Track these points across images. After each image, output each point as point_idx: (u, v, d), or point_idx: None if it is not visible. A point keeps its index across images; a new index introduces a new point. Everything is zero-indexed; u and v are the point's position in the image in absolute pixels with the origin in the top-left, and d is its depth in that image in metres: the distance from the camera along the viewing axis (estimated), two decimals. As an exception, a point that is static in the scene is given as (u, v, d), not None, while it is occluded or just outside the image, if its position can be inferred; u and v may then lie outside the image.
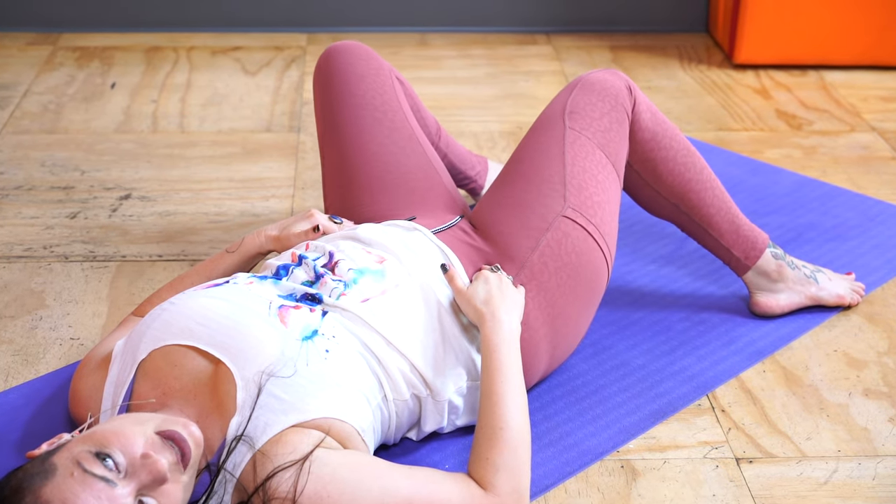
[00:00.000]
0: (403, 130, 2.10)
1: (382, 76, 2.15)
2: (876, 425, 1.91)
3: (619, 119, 2.03)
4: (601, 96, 2.03)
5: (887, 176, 2.81)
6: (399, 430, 1.76)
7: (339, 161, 2.09)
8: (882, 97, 3.29)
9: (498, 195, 1.98)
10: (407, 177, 2.05)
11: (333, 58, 2.15)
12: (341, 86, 2.12)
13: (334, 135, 2.11)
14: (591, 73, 2.08)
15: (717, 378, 2.02)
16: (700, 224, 2.12)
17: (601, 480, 1.78)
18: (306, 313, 1.67)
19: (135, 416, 1.50)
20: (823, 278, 2.19)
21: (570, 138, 1.98)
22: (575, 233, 1.89)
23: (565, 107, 2.02)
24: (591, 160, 1.97)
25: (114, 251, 2.41)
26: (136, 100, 3.20)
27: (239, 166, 2.81)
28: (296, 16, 3.74)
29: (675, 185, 2.09)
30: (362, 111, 2.10)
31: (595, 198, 1.94)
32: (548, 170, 1.95)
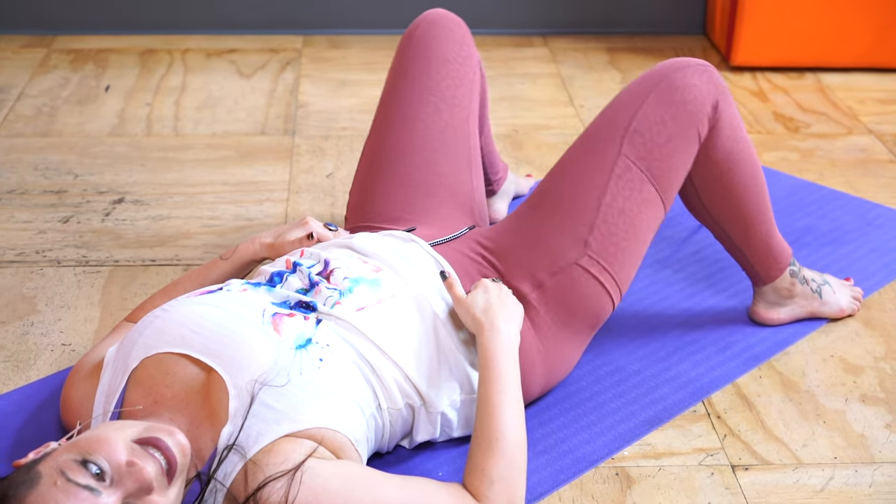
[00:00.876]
0: (459, 130, 2.05)
1: (467, 67, 2.10)
2: (873, 432, 1.90)
3: (689, 143, 1.89)
4: (677, 112, 1.87)
5: (885, 179, 2.79)
6: (392, 438, 1.74)
7: (382, 139, 2.05)
8: (880, 99, 3.28)
9: (522, 219, 1.90)
10: (436, 179, 2.00)
11: (429, 29, 2.09)
12: (420, 63, 2.06)
13: (391, 109, 2.06)
14: (681, 73, 1.89)
15: (713, 384, 2.00)
16: (735, 241, 2.05)
17: (596, 488, 1.77)
18: (300, 321, 1.65)
19: (119, 423, 1.48)
20: (828, 292, 2.17)
21: (619, 169, 1.85)
22: (585, 282, 1.85)
23: (631, 122, 1.87)
24: (635, 199, 1.86)
25: (106, 256, 2.40)
26: (130, 103, 3.19)
27: (233, 170, 2.80)
28: (291, 18, 3.72)
29: (729, 209, 2.00)
30: (429, 96, 2.05)
31: (622, 244, 1.85)
32: (580, 205, 1.85)
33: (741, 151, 1.96)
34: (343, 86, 3.33)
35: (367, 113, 3.13)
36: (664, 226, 2.49)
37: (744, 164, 1.97)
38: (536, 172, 2.79)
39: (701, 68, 1.91)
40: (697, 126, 1.89)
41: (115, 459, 1.40)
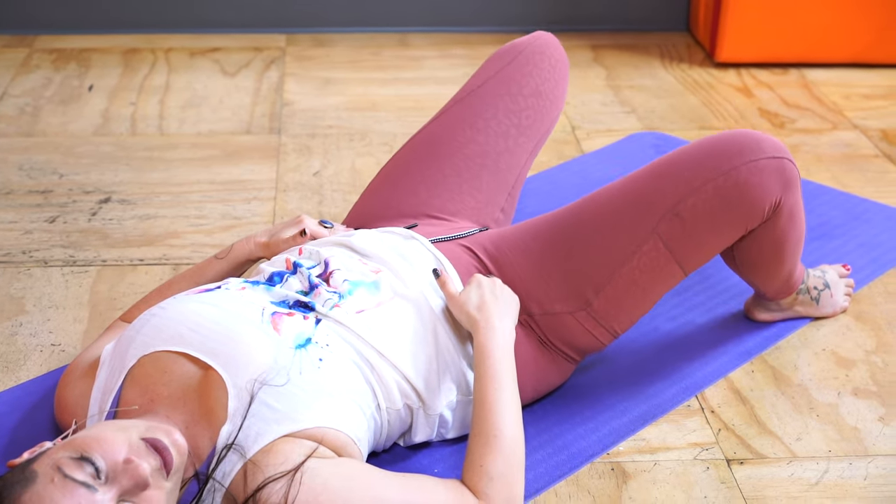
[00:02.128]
0: (515, 158, 2.03)
1: (554, 106, 2.08)
2: (866, 424, 1.91)
3: (733, 236, 1.79)
4: (732, 208, 1.74)
5: (871, 174, 2.80)
6: (390, 438, 1.73)
7: (437, 133, 2.04)
8: (864, 95, 3.29)
9: (533, 242, 1.84)
10: (468, 193, 1.99)
11: (536, 56, 2.07)
12: (514, 83, 2.05)
13: (462, 110, 2.05)
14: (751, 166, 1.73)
15: (706, 379, 2.01)
16: (757, 285, 2.01)
17: (592, 483, 1.77)
18: (300, 321, 1.64)
19: (118, 423, 1.47)
20: (825, 297, 2.15)
21: (647, 247, 1.76)
22: (577, 330, 1.83)
23: (677, 204, 1.74)
24: (653, 275, 1.79)
25: (94, 255, 2.38)
26: (114, 102, 3.17)
27: (219, 169, 2.78)
28: (275, 16, 3.71)
29: (761, 274, 1.95)
30: (505, 118, 2.04)
31: (627, 307, 1.81)
32: (597, 265, 1.79)
33: (790, 234, 1.87)
34: (328, 84, 3.32)
35: (353, 111, 3.12)
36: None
37: (789, 242, 1.88)
38: (524, 169, 2.78)
39: (775, 163, 1.75)
40: (748, 224, 1.79)
41: (111, 457, 1.39)
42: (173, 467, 1.44)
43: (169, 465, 1.43)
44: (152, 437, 1.44)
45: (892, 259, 2.39)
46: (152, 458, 1.42)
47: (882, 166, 2.85)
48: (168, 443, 1.44)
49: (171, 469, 1.43)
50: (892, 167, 2.84)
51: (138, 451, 1.41)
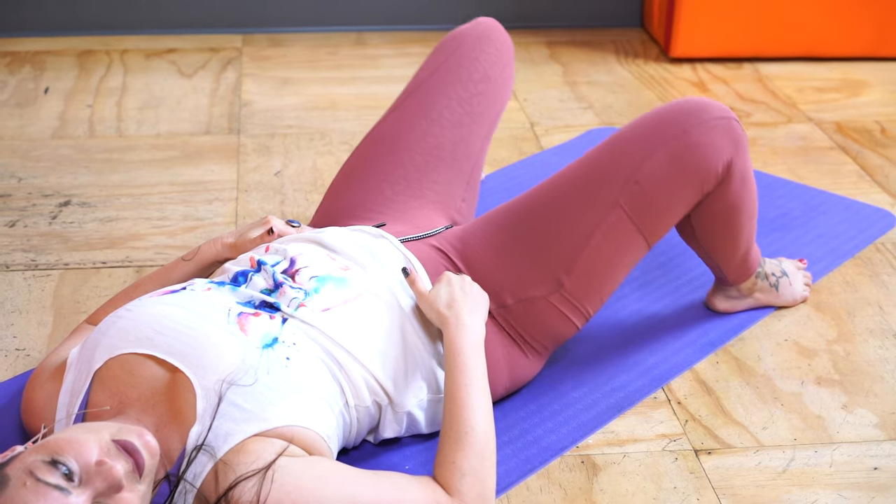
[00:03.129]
0: (471, 146, 2.03)
1: (504, 90, 2.08)
2: (829, 413, 1.93)
3: (690, 200, 1.84)
4: (686, 171, 1.80)
5: (826, 166, 2.84)
6: (359, 435, 1.74)
7: (393, 129, 2.03)
8: (817, 88, 3.33)
9: (499, 235, 1.86)
10: (428, 186, 1.99)
11: (480, 41, 2.07)
12: (463, 71, 2.04)
13: (414, 103, 2.04)
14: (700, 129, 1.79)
15: (672, 371, 2.02)
16: (715, 260, 2.04)
17: (563, 476, 1.78)
18: (266, 320, 1.64)
19: (89, 425, 1.47)
20: (784, 284, 2.19)
21: (612, 218, 1.80)
22: (554, 316, 1.85)
23: (634, 173, 1.79)
24: (620, 246, 1.82)
25: (56, 259, 2.37)
26: (70, 105, 3.15)
27: (180, 170, 2.77)
28: (230, 16, 3.70)
29: (718, 242, 1.98)
30: (457, 106, 2.03)
31: (597, 284, 1.84)
32: (564, 243, 1.81)
33: (745, 201, 1.92)
34: (286, 84, 3.31)
35: (312, 111, 3.12)
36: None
37: (744, 211, 1.94)
38: (485, 166, 2.79)
39: (723, 123, 1.82)
40: (703, 186, 1.84)
41: (84, 459, 1.39)
42: (145, 469, 1.43)
43: (141, 467, 1.43)
44: (123, 438, 1.43)
45: (850, 250, 2.42)
46: (124, 460, 1.42)
47: (837, 158, 2.88)
48: (139, 444, 1.44)
49: (144, 471, 1.43)
50: (847, 159, 2.88)
51: (110, 453, 1.41)
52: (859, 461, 1.82)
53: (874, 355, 2.08)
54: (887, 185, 2.73)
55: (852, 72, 3.46)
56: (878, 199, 2.66)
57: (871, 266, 2.37)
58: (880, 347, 2.11)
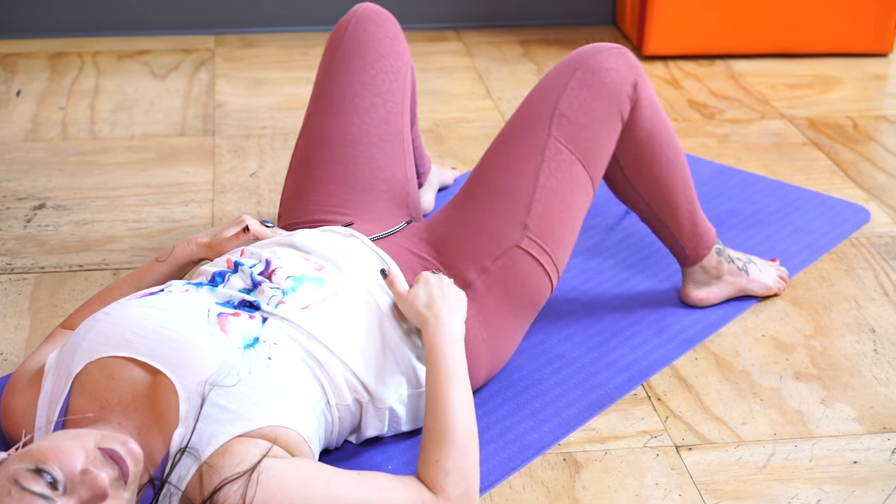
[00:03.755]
0: (393, 125, 2.05)
1: (400, 63, 2.09)
2: (808, 407, 1.94)
3: (613, 123, 1.95)
4: (599, 94, 1.92)
5: (800, 162, 2.86)
6: (341, 435, 1.74)
7: (317, 132, 2.04)
8: (789, 84, 3.35)
9: (458, 209, 1.92)
10: (371, 174, 2.00)
11: (361, 24, 2.07)
12: (355, 57, 2.05)
13: (326, 102, 2.04)
14: (596, 57, 1.94)
15: (651, 367, 2.03)
16: (662, 220, 2.09)
17: (545, 474, 1.78)
18: (246, 320, 1.64)
19: (73, 432, 1.46)
20: (754, 270, 2.21)
21: (550, 151, 1.89)
22: (526, 264, 1.87)
23: (556, 106, 1.91)
24: (567, 180, 1.90)
25: (32, 262, 2.35)
26: (43, 107, 3.13)
27: (155, 172, 2.76)
28: (202, 17, 3.68)
29: (654, 186, 2.05)
30: (364, 91, 2.04)
31: (557, 224, 1.89)
32: (515, 189, 1.88)
33: (662, 129, 2.01)
34: (259, 84, 3.30)
35: (286, 111, 3.11)
36: (591, 214, 2.51)
37: (665, 141, 2.02)
38: (460, 165, 2.80)
39: (616, 51, 1.96)
40: (619, 106, 1.93)
41: (68, 468, 1.38)
42: (130, 477, 1.43)
43: (126, 475, 1.42)
44: (108, 446, 1.43)
45: (826, 245, 2.44)
46: (109, 467, 1.41)
47: (810, 154, 2.90)
48: (123, 452, 1.43)
49: (129, 478, 1.43)
50: (820, 154, 2.89)
51: (95, 461, 1.40)
52: (839, 455, 1.83)
53: (851, 350, 2.10)
54: (861, 180, 2.75)
55: (823, 68, 3.48)
56: (852, 195, 2.67)
57: (847, 261, 2.39)
58: (857, 342, 2.12)
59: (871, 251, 2.43)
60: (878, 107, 3.21)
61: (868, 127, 3.06)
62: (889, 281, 2.32)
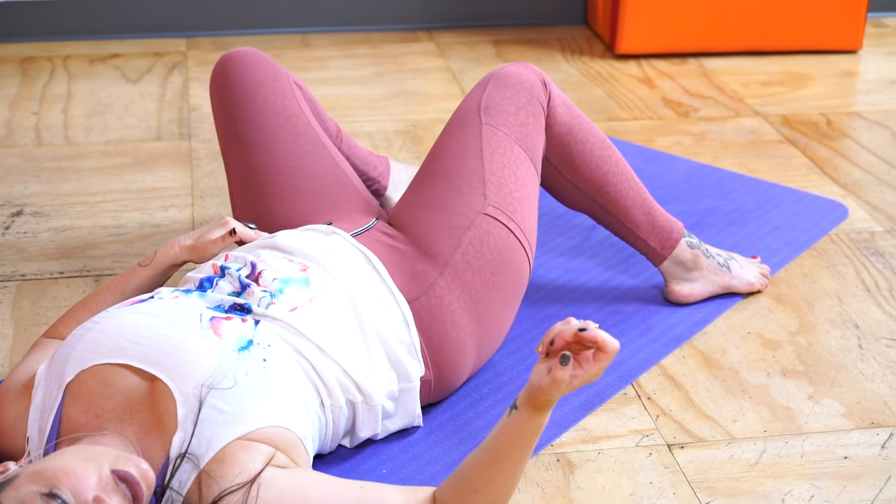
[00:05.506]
0: (308, 135, 2.07)
1: (280, 81, 2.11)
2: (797, 404, 1.96)
3: (536, 113, 2.03)
4: (516, 90, 2.02)
5: (776, 159, 2.88)
6: (335, 438, 1.74)
7: (245, 171, 2.05)
8: (762, 82, 3.37)
9: (417, 194, 1.96)
10: (318, 181, 2.02)
11: (228, 67, 2.10)
12: (239, 94, 2.07)
13: (238, 144, 2.06)
14: (504, 68, 2.07)
15: (640, 366, 2.04)
16: (617, 217, 2.13)
17: (539, 475, 1.78)
18: (238, 324, 1.63)
19: (87, 452, 1.44)
20: (736, 266, 2.23)
21: (486, 134, 1.97)
22: (496, 230, 1.89)
23: (480, 102, 2.01)
24: (509, 156, 1.97)
25: (12, 270, 2.33)
26: (15, 113, 3.10)
27: (132, 177, 2.74)
28: (173, 20, 3.66)
29: (592, 177, 2.10)
30: (264, 117, 2.06)
31: (515, 194, 1.94)
32: (466, 167, 1.94)
33: (582, 123, 2.10)
34: (234, 87, 3.28)
35: (263, 114, 3.09)
36: (571, 215, 2.52)
37: (588, 132, 2.10)
38: (440, 166, 2.80)
39: (523, 63, 2.09)
40: (537, 96, 2.03)
41: (81, 494, 1.38)
42: (143, 501, 1.42)
43: (139, 499, 1.42)
44: (123, 468, 1.42)
45: (806, 241, 2.45)
46: (122, 495, 1.40)
47: (786, 151, 2.92)
48: (138, 476, 1.42)
49: (141, 502, 1.42)
50: (796, 152, 2.91)
51: (107, 487, 1.39)
52: (829, 451, 1.84)
53: (836, 345, 2.12)
54: (837, 176, 2.78)
55: (794, 66, 3.50)
56: (829, 191, 2.70)
57: (827, 257, 2.41)
58: (841, 338, 2.14)
59: (851, 247, 2.45)
60: (851, 103, 3.24)
61: (841, 123, 3.09)
62: (870, 276, 2.34)
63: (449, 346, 1.83)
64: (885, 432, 1.89)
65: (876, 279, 2.33)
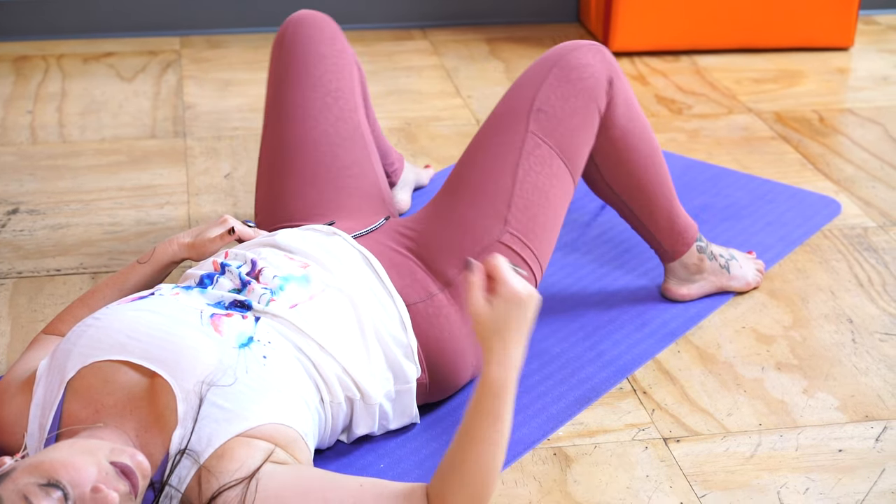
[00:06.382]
0: (350, 121, 2.05)
1: (344, 60, 2.09)
2: (791, 397, 1.97)
3: (590, 118, 1.96)
4: (576, 89, 1.94)
5: (769, 156, 2.89)
6: (333, 434, 1.74)
7: (277, 141, 2.04)
8: (754, 79, 3.38)
9: (439, 205, 1.92)
10: (340, 172, 2.01)
11: (299, 30, 2.07)
12: (299, 61, 2.05)
13: (279, 111, 2.05)
14: (574, 53, 1.95)
15: (635, 361, 2.05)
16: (640, 218, 2.11)
17: (536, 469, 1.79)
18: (239, 320, 1.64)
19: (85, 445, 1.45)
20: (735, 266, 2.23)
21: (528, 146, 1.90)
22: (509, 257, 1.87)
23: (534, 101, 1.93)
24: (546, 173, 1.91)
25: (8, 268, 2.33)
26: (10, 111, 3.10)
27: (127, 175, 2.75)
28: (167, 19, 3.67)
29: (630, 184, 2.06)
30: (314, 93, 2.04)
31: (539, 218, 1.89)
32: (496, 185, 1.88)
33: (638, 127, 2.03)
34: (228, 85, 3.29)
35: (257, 111, 3.10)
36: (568, 209, 2.53)
37: (641, 138, 2.04)
38: (434, 163, 2.81)
39: (594, 48, 1.98)
40: (596, 101, 1.95)
41: (79, 485, 1.38)
42: (139, 491, 1.43)
43: (136, 489, 1.42)
44: (119, 460, 1.42)
45: (799, 237, 2.47)
46: (122, 483, 1.41)
47: (779, 147, 2.93)
48: (133, 465, 1.43)
49: (138, 492, 1.43)
50: (789, 148, 2.93)
51: (107, 478, 1.40)
52: (824, 444, 1.86)
53: (830, 340, 2.13)
54: (829, 172, 2.79)
55: (787, 63, 3.52)
56: (822, 187, 2.71)
57: (821, 253, 2.42)
58: (835, 332, 2.15)
59: (844, 242, 2.46)
60: (843, 100, 3.26)
61: (833, 120, 3.10)
62: (863, 271, 2.35)
63: (446, 353, 1.83)
64: (879, 425, 1.90)
65: (869, 274, 2.34)
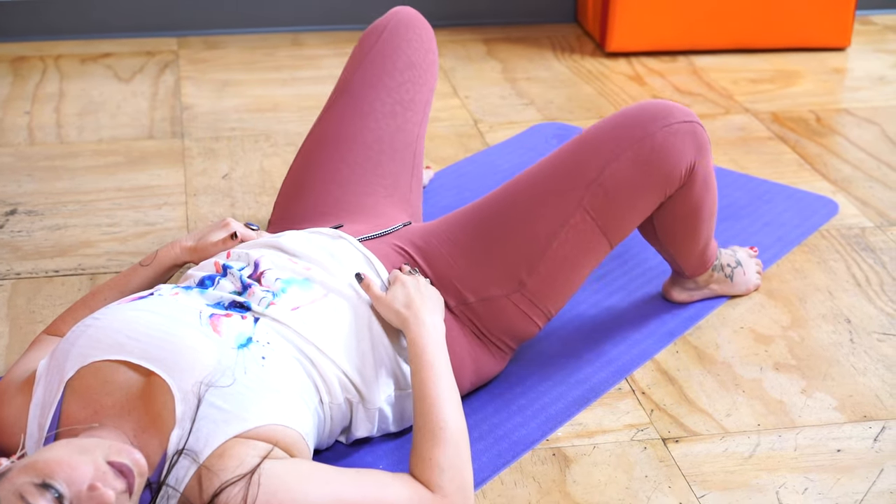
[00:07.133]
0: (409, 135, 2.04)
1: (429, 75, 2.08)
2: (790, 398, 1.97)
3: (652, 202, 1.85)
4: (651, 177, 1.81)
5: (767, 156, 2.89)
6: (332, 434, 1.74)
7: (331, 129, 2.04)
8: (751, 79, 3.39)
9: (461, 232, 1.87)
10: (374, 181, 2.00)
11: (399, 29, 2.07)
12: (387, 61, 2.04)
13: (346, 100, 2.04)
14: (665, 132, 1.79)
15: (634, 361, 2.05)
16: (673, 255, 2.06)
17: (535, 469, 1.80)
18: (238, 321, 1.64)
19: (81, 444, 1.45)
20: (739, 274, 2.23)
21: (576, 219, 1.81)
22: (513, 312, 1.86)
23: (599, 175, 1.80)
24: (583, 247, 1.84)
25: (7, 269, 2.33)
26: (7, 112, 3.10)
27: (126, 175, 2.75)
28: (164, 20, 3.67)
29: (677, 242, 2.01)
30: (388, 97, 2.04)
31: (560, 286, 1.86)
32: (525, 245, 1.82)
33: (705, 201, 1.94)
34: (226, 86, 3.29)
35: (255, 112, 3.11)
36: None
37: (705, 209, 1.96)
38: (433, 164, 2.81)
39: (687, 127, 1.83)
40: (666, 189, 1.86)
41: (75, 484, 1.38)
42: (135, 489, 1.43)
43: (132, 488, 1.42)
44: (117, 459, 1.42)
45: (797, 237, 2.47)
46: (118, 482, 1.41)
47: (776, 147, 2.94)
48: (131, 464, 1.43)
49: (134, 491, 1.43)
50: (786, 148, 2.93)
51: (104, 477, 1.39)
52: (822, 444, 1.86)
53: (828, 340, 2.13)
54: (827, 172, 2.79)
55: (783, 63, 3.52)
56: (819, 187, 2.71)
57: (818, 253, 2.42)
58: (833, 332, 2.15)
59: (842, 242, 2.46)
60: (839, 100, 3.26)
61: (830, 120, 3.11)
62: (860, 271, 2.36)
63: None
64: (877, 425, 1.90)
65: (867, 274, 2.35)
